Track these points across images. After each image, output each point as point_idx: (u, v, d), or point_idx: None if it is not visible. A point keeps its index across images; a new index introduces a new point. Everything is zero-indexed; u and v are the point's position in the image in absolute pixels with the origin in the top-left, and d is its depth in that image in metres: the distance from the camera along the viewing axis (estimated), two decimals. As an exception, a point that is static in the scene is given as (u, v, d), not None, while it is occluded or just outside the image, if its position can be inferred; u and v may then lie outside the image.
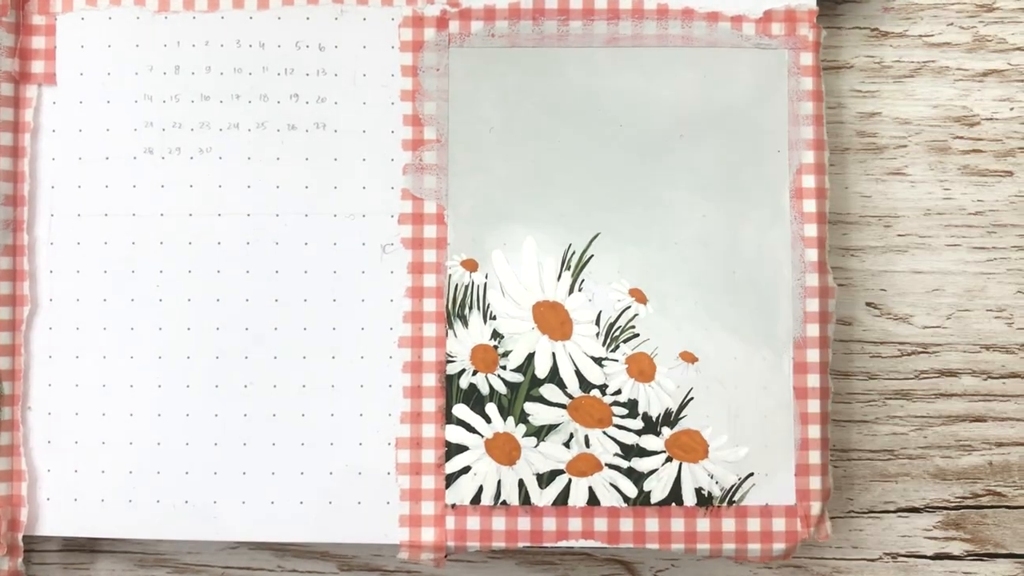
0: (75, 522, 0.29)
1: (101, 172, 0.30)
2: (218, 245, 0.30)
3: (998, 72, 0.31)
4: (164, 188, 0.30)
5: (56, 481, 0.29)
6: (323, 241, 0.30)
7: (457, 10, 0.30)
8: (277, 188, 0.30)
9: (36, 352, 0.30)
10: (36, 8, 0.30)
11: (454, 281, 0.29)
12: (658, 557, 0.31)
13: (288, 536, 0.29)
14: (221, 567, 0.31)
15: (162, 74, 0.30)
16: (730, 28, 0.30)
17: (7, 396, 0.29)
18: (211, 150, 0.30)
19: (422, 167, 0.30)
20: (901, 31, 0.32)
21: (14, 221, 0.30)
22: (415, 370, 0.29)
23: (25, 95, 0.30)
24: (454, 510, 0.29)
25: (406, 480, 0.29)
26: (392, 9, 0.30)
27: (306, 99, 0.30)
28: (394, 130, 0.30)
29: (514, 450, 0.29)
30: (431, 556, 0.29)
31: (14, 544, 0.29)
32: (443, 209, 0.30)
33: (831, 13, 0.31)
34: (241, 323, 0.29)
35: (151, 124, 0.30)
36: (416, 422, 0.29)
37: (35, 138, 0.30)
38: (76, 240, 0.30)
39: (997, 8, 0.31)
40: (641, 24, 0.30)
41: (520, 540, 0.29)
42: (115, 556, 0.31)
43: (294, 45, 0.30)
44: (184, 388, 0.29)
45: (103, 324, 0.30)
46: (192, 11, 0.30)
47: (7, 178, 0.30)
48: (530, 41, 0.30)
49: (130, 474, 0.29)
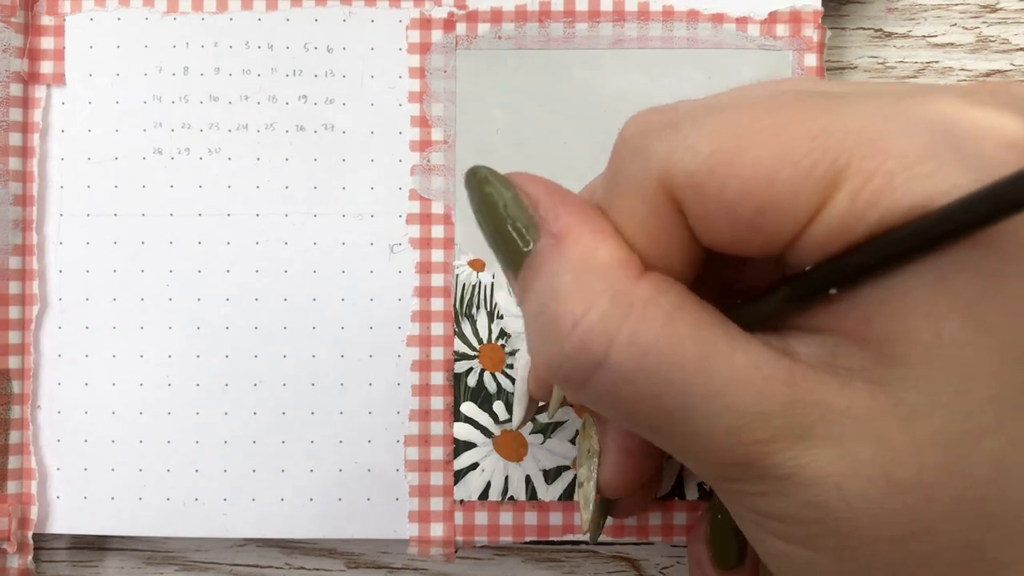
0: (85, 520, 0.29)
1: (110, 172, 0.30)
2: (227, 245, 0.30)
3: (1001, 73, 0.32)
4: (173, 188, 0.30)
5: (66, 479, 0.30)
6: (332, 241, 0.30)
7: (464, 12, 0.30)
8: (286, 188, 0.30)
9: (46, 351, 0.30)
10: (45, 9, 0.30)
11: (461, 281, 0.30)
12: (662, 554, 0.31)
13: (297, 533, 0.29)
14: (229, 564, 0.31)
15: (171, 75, 0.30)
16: (735, 29, 0.30)
17: (17, 395, 0.30)
18: (220, 150, 0.30)
19: (430, 168, 0.30)
20: (905, 32, 0.32)
21: (23, 221, 0.30)
22: (423, 368, 0.29)
23: (34, 95, 0.30)
24: (462, 506, 0.29)
25: (415, 477, 0.29)
26: (399, 11, 0.30)
27: (314, 100, 0.30)
28: (402, 131, 0.30)
29: (521, 447, 0.29)
30: (440, 551, 0.29)
31: (24, 542, 0.29)
32: (451, 209, 0.30)
33: (835, 14, 0.31)
34: (250, 322, 0.30)
35: (160, 124, 0.30)
36: (424, 420, 0.29)
37: (44, 138, 0.30)
38: (85, 240, 0.30)
39: (1001, 9, 0.32)
40: (647, 26, 0.30)
41: (527, 535, 0.29)
42: (124, 554, 0.31)
43: (303, 47, 0.30)
44: (194, 387, 0.30)
45: (112, 323, 0.30)
46: (201, 12, 0.30)
47: (17, 178, 0.30)
48: (537, 43, 0.30)
49: (140, 472, 0.29)
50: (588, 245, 0.16)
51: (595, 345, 0.15)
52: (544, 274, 0.16)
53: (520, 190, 0.17)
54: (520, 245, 0.17)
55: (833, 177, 0.14)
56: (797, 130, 0.14)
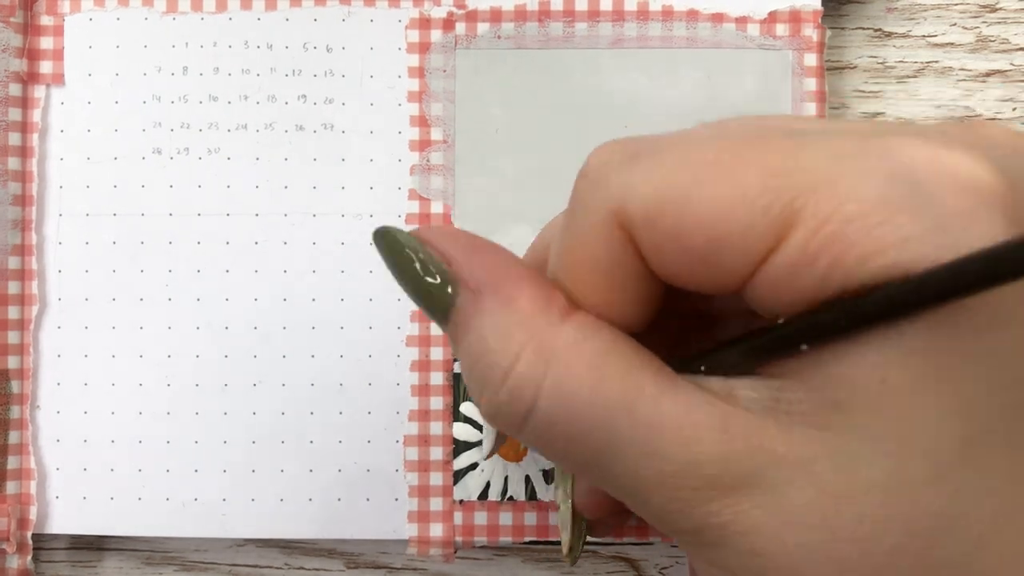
0: (84, 520, 0.29)
1: (109, 172, 0.30)
2: (227, 245, 0.30)
3: (1001, 73, 0.32)
4: (173, 188, 0.30)
5: (65, 479, 0.29)
6: (331, 241, 0.30)
7: (463, 12, 0.30)
8: (285, 188, 0.30)
9: (45, 351, 0.30)
10: (44, 9, 0.30)
11: (461, 280, 0.30)
12: (662, 555, 0.31)
13: (297, 533, 0.29)
14: (229, 564, 0.31)
15: (170, 75, 0.30)
16: (735, 29, 0.30)
17: (16, 395, 0.30)
18: (219, 150, 0.30)
19: (429, 168, 0.30)
20: (904, 31, 0.32)
21: (23, 221, 0.30)
22: (423, 368, 0.29)
23: (33, 95, 0.30)
24: (462, 506, 0.29)
25: (414, 477, 0.29)
26: (399, 11, 0.30)
27: (314, 100, 0.30)
28: (401, 131, 0.30)
29: (521, 447, 0.29)
30: (440, 551, 0.29)
31: (23, 542, 0.29)
32: (450, 209, 0.30)
33: (835, 14, 0.31)
34: (250, 322, 0.30)
35: (159, 124, 0.30)
36: (424, 420, 0.29)
37: (43, 138, 0.30)
38: (85, 240, 0.30)
39: (1000, 8, 0.32)
40: (646, 26, 0.30)
41: (527, 535, 0.29)
42: (123, 554, 0.31)
43: (302, 46, 0.30)
44: (193, 387, 0.30)
45: (112, 323, 0.30)
46: (200, 12, 0.30)
47: (16, 178, 0.30)
48: (536, 43, 0.30)
49: (139, 472, 0.29)
50: (506, 295, 0.16)
51: (525, 393, 0.15)
52: (469, 329, 0.16)
53: (431, 247, 0.17)
54: (441, 302, 0.17)
55: (789, 217, 0.14)
56: (754, 168, 0.14)
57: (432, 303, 0.17)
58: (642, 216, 0.15)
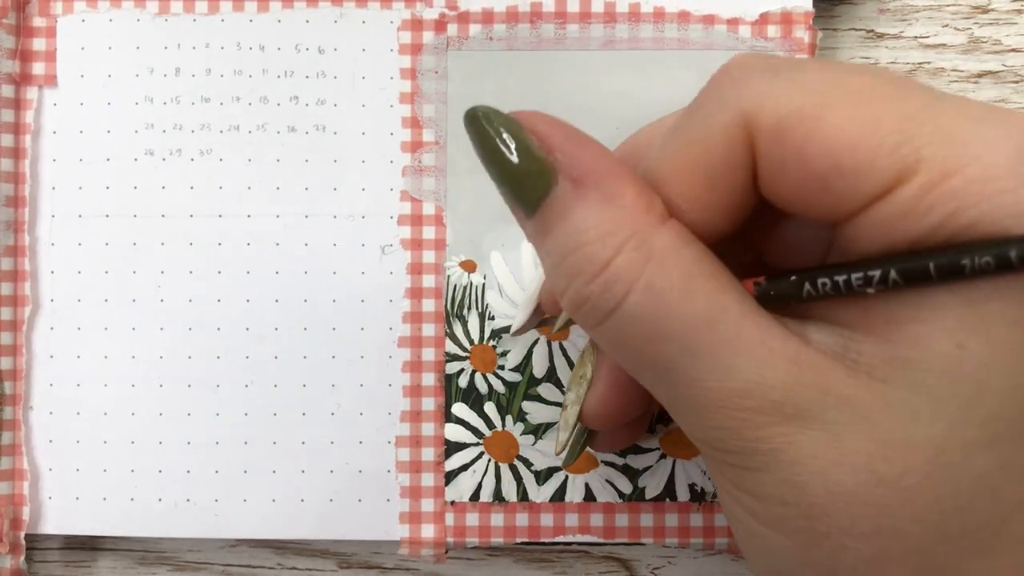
0: (77, 520, 0.29)
1: (102, 173, 0.30)
2: (219, 246, 0.30)
3: (993, 74, 0.32)
4: (165, 189, 0.30)
5: (58, 480, 0.30)
6: (323, 242, 0.30)
7: (455, 13, 0.30)
8: (277, 190, 0.30)
9: (37, 352, 0.30)
10: (37, 10, 0.30)
11: (452, 282, 0.30)
12: (655, 555, 0.31)
13: (289, 533, 0.29)
14: (222, 565, 0.31)
15: (162, 76, 0.30)
16: (726, 31, 0.30)
17: (9, 396, 0.30)
18: (211, 152, 0.30)
19: (421, 169, 0.30)
20: (897, 33, 0.32)
21: (15, 222, 0.30)
22: (414, 369, 0.29)
23: (26, 97, 0.30)
24: (453, 507, 0.29)
25: (406, 478, 0.29)
26: (391, 12, 0.30)
27: (306, 101, 0.30)
28: (393, 132, 0.30)
29: (512, 448, 0.29)
30: (431, 552, 0.29)
31: (16, 543, 0.29)
32: (442, 211, 0.30)
33: (827, 15, 0.31)
34: (242, 323, 0.30)
35: (152, 126, 0.30)
36: (415, 421, 0.29)
37: (36, 140, 0.30)
38: (77, 241, 0.30)
39: (992, 10, 0.32)
40: (638, 27, 0.30)
41: (518, 536, 0.29)
42: (116, 554, 0.31)
43: (294, 48, 0.30)
44: (185, 388, 0.30)
45: (104, 324, 0.30)
46: (192, 14, 0.30)
47: (8, 179, 0.30)
48: (528, 44, 0.30)
49: (131, 473, 0.29)
50: (610, 190, 0.16)
51: (617, 287, 0.16)
52: (566, 218, 0.16)
53: (531, 132, 0.17)
54: (534, 189, 0.17)
55: (913, 164, 0.14)
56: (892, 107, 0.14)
57: (523, 190, 0.17)
58: (773, 126, 0.15)
